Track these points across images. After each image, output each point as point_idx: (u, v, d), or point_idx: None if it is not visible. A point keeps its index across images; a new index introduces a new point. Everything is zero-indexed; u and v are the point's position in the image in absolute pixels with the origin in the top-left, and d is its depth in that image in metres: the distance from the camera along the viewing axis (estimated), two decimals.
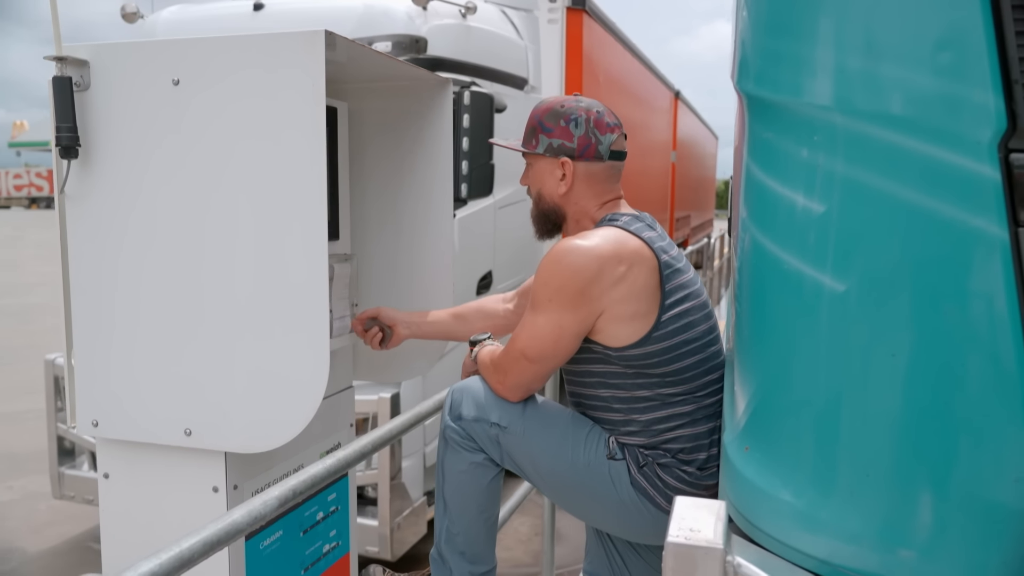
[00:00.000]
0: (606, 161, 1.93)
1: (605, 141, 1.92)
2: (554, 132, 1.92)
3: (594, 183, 1.94)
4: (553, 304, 1.79)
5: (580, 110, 1.91)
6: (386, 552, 4.08)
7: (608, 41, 7.02)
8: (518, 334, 1.87)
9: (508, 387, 1.91)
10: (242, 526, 1.42)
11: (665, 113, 10.16)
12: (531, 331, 1.84)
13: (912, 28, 1.13)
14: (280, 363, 1.82)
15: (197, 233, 1.86)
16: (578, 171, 1.92)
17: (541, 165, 1.97)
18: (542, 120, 1.94)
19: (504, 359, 1.91)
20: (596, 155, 1.91)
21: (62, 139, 1.87)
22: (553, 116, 1.92)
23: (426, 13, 4.34)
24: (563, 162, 1.91)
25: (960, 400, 1.14)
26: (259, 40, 1.78)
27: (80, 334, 1.97)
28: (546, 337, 1.82)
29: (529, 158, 2.01)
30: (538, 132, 1.94)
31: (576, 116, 1.91)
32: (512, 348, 1.88)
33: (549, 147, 1.92)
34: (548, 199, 1.97)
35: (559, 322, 1.79)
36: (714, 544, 1.21)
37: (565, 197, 1.95)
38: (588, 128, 1.90)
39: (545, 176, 1.96)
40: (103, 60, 1.89)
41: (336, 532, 2.41)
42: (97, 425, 1.98)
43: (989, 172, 1.09)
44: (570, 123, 1.91)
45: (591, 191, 1.94)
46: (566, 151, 1.91)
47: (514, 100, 5.08)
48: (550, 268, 1.80)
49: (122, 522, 2.07)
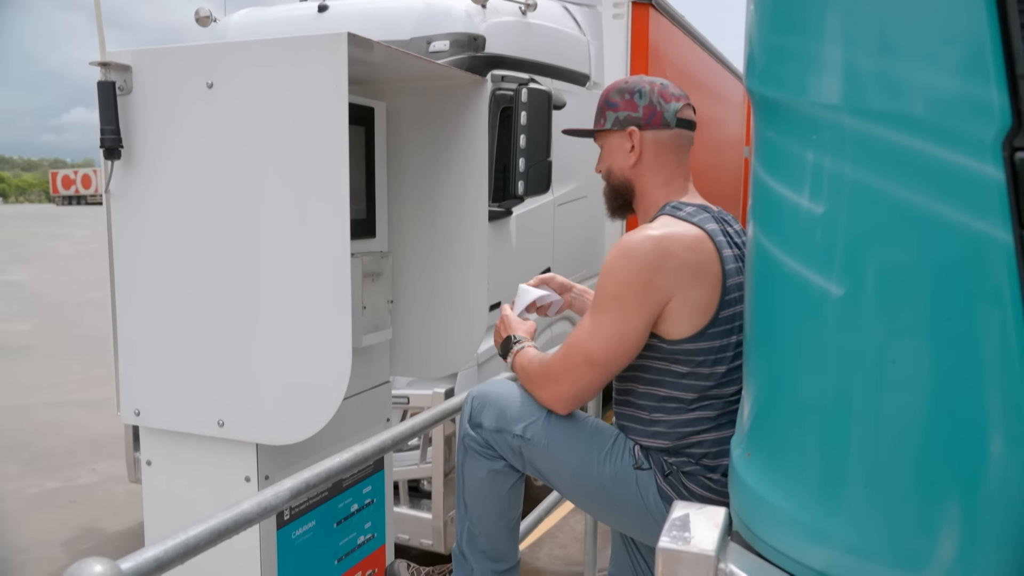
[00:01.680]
0: (673, 128, 1.93)
1: (670, 108, 1.92)
2: (620, 106, 1.95)
3: (662, 153, 1.93)
4: (619, 301, 1.74)
5: (644, 83, 1.95)
6: (439, 545, 4.13)
7: (676, 35, 6.91)
8: (578, 337, 1.79)
9: (561, 398, 1.84)
10: (251, 515, 1.46)
11: (738, 107, 9.94)
12: (596, 332, 1.76)
13: (916, 24, 1.09)
14: (304, 358, 1.87)
15: (233, 231, 1.93)
16: (646, 140, 1.92)
17: (611, 141, 1.98)
18: (608, 98, 1.97)
19: (559, 365, 1.82)
20: (663, 122, 1.92)
21: (106, 141, 1.96)
22: (618, 92, 1.96)
23: (485, 11, 4.36)
24: (631, 131, 1.92)
25: (966, 407, 1.09)
26: (287, 43, 1.83)
27: (123, 328, 2.07)
28: (612, 337, 1.75)
29: (600, 139, 2.02)
30: (605, 110, 1.97)
31: (640, 88, 1.94)
32: (571, 353, 1.79)
33: (616, 120, 1.95)
34: (618, 173, 1.97)
35: (626, 319, 1.73)
36: (705, 551, 1.19)
37: (635, 169, 1.94)
38: (653, 98, 1.92)
39: (615, 151, 1.97)
40: (143, 64, 1.97)
41: (371, 524, 2.46)
42: (139, 415, 2.07)
43: (993, 171, 1.03)
44: (634, 95, 1.94)
45: (659, 162, 1.93)
46: (632, 121, 1.93)
47: (575, 96, 5.06)
48: (613, 264, 1.76)
49: (164, 507, 2.16)
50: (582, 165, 5.31)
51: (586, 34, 5.40)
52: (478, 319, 2.50)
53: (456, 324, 2.51)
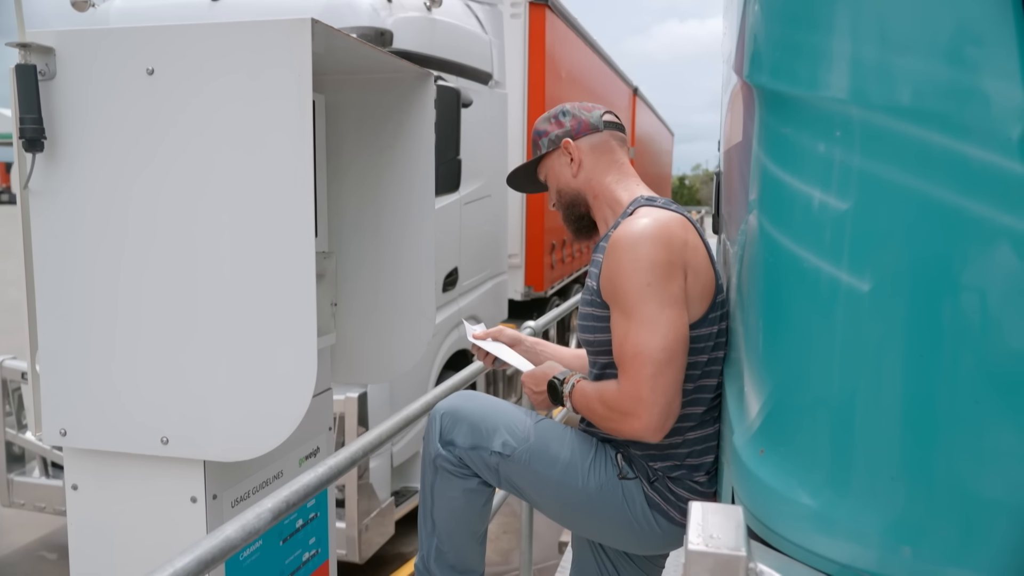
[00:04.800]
0: (603, 131, 1.96)
1: (595, 115, 1.97)
2: (548, 131, 1.99)
3: (601, 155, 1.95)
4: (653, 287, 1.62)
5: (563, 106, 2.01)
6: (354, 555, 4.00)
7: (570, 36, 7.00)
8: (637, 347, 1.63)
9: (655, 418, 1.62)
10: (236, 541, 1.34)
11: (624, 110, 10.19)
12: (648, 329, 1.62)
13: (939, 18, 1.11)
14: (265, 367, 1.75)
15: (175, 230, 1.77)
16: (582, 147, 1.94)
17: (551, 164, 2.00)
18: (536, 130, 2.02)
19: (635, 387, 1.63)
20: (591, 127, 1.96)
21: (26, 131, 1.76)
22: (543, 121, 2.02)
23: (391, 6, 4.25)
24: (565, 144, 1.95)
25: (994, 399, 1.11)
26: (241, 28, 1.70)
27: (46, 338, 1.86)
28: (666, 325, 1.62)
29: (542, 168, 2.03)
30: (537, 140, 2.01)
31: (561, 109, 2.00)
32: (639, 368, 1.62)
33: (550, 142, 1.98)
34: (566, 188, 1.97)
35: (672, 301, 1.63)
36: (737, 551, 1.18)
37: (580, 178, 1.95)
38: (574, 112, 1.98)
39: (558, 171, 1.99)
40: (70, 47, 1.78)
41: (316, 539, 2.33)
42: (65, 434, 1.87)
43: (1019, 168, 1.07)
44: (558, 116, 1.99)
45: (600, 163, 1.94)
46: (564, 135, 1.96)
47: (479, 95, 5.02)
48: (625, 257, 1.66)
49: (92, 536, 1.96)
50: (486, 164, 5.28)
51: (488, 32, 5.37)
52: (425, 321, 2.41)
53: (402, 327, 2.42)
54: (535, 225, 6.42)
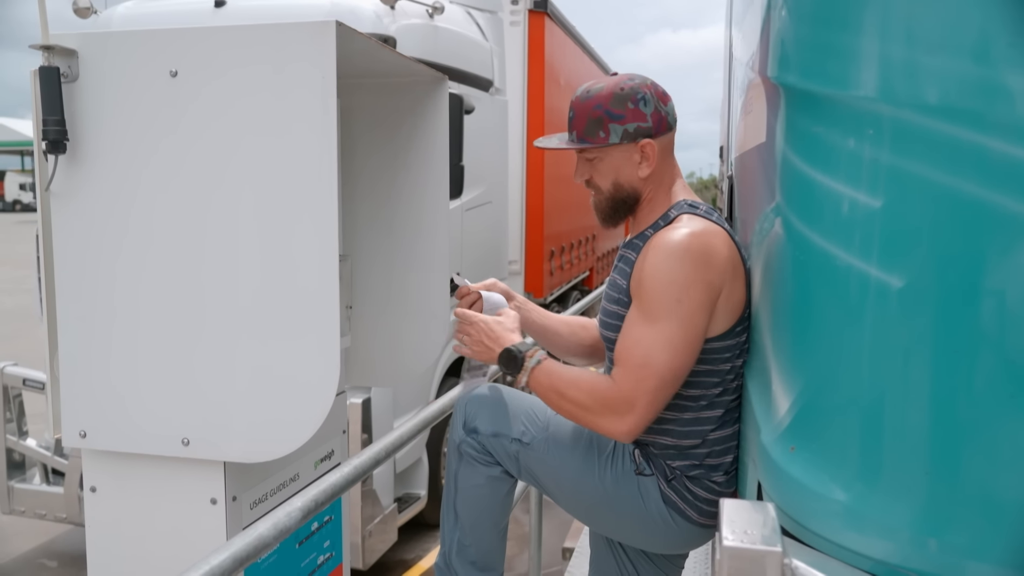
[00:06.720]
0: (674, 129, 1.84)
1: (670, 109, 1.82)
2: (626, 117, 1.76)
3: (667, 156, 1.84)
4: (683, 305, 1.61)
5: (643, 87, 1.79)
6: (357, 561, 3.98)
7: (568, 44, 7.04)
8: (647, 356, 1.61)
9: (638, 426, 1.62)
10: (268, 539, 1.34)
11: None
12: (664, 345, 1.60)
13: (966, 16, 1.13)
14: (288, 367, 1.75)
15: (197, 232, 1.78)
16: (656, 148, 1.79)
17: (614, 154, 1.80)
18: (608, 109, 1.77)
19: (633, 392, 1.61)
20: (668, 127, 1.81)
21: (49, 133, 1.76)
22: (619, 101, 1.77)
23: (394, 12, 4.27)
24: (643, 145, 1.77)
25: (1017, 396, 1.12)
26: (265, 30, 1.71)
27: (66, 340, 1.86)
28: (684, 347, 1.61)
29: (595, 152, 1.82)
30: (607, 122, 1.77)
31: (642, 94, 1.78)
32: (644, 377, 1.61)
33: (625, 134, 1.77)
34: (628, 186, 1.81)
35: (694, 324, 1.62)
36: (773, 547, 1.19)
37: (647, 179, 1.81)
38: (656, 103, 1.79)
39: (620, 164, 1.80)
40: (92, 49, 1.79)
41: (330, 543, 2.33)
42: (85, 436, 1.87)
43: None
44: (639, 103, 1.77)
45: (665, 164, 1.83)
46: (643, 132, 1.77)
47: (480, 102, 5.04)
48: (665, 266, 1.63)
49: (111, 538, 1.95)
50: (487, 170, 5.30)
51: (489, 40, 5.39)
52: (438, 324, 2.42)
53: (415, 330, 2.42)
54: (535, 232, 6.45)
